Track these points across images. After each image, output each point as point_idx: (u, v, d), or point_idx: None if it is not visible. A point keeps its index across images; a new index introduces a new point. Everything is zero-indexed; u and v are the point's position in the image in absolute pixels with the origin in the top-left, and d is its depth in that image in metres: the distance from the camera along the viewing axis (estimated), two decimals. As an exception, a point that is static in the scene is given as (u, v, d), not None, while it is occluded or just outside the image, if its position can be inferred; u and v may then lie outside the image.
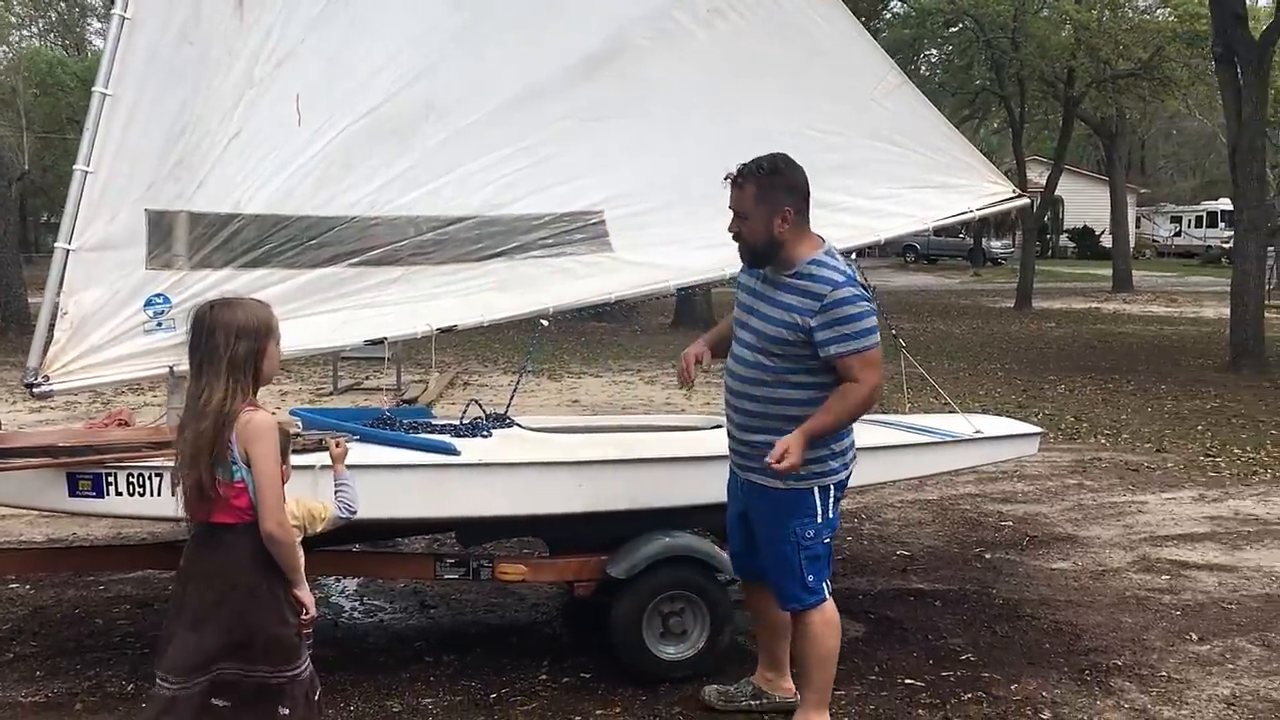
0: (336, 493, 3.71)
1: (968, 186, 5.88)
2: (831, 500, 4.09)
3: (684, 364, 4.43)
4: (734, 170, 4.10)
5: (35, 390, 4.61)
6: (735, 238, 4.13)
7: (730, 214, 4.12)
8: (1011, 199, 6.00)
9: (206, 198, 4.85)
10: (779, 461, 3.85)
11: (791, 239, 4.05)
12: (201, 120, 4.82)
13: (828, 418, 3.96)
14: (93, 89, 4.75)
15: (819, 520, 4.06)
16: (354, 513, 3.70)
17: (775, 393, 4.05)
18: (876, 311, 4.00)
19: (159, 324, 4.77)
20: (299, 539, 3.36)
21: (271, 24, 4.88)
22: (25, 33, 44.98)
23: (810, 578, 4.07)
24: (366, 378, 13.83)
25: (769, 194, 4.02)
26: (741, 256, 4.20)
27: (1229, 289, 16.63)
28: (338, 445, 3.79)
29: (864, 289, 4.01)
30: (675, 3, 5.41)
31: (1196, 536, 7.22)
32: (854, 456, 4.18)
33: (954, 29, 27.77)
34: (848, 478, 4.17)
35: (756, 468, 4.07)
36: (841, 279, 3.97)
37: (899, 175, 5.74)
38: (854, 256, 5.81)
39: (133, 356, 4.74)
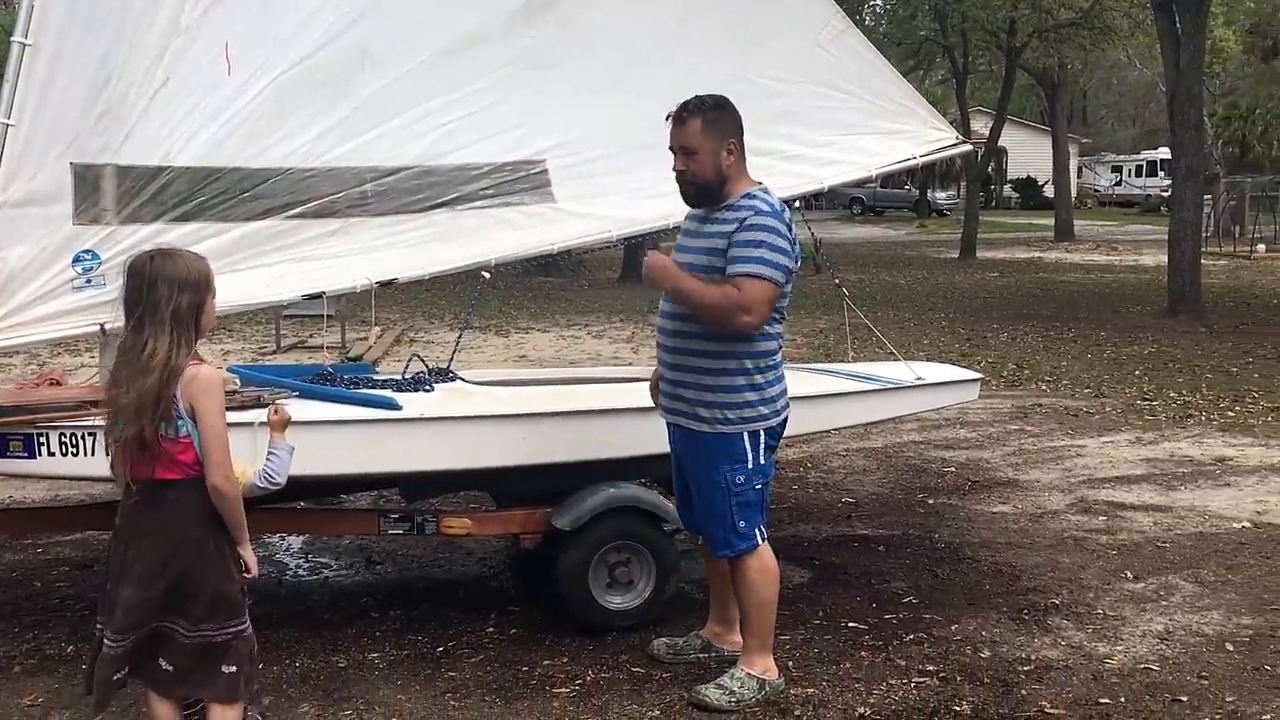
0: (266, 460, 3.45)
1: (912, 133, 5.87)
2: (762, 446, 4.09)
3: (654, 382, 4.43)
4: (674, 109, 4.08)
5: (-39, 350, 4.50)
6: (679, 177, 4.11)
7: (672, 157, 4.10)
8: (955, 145, 6.01)
9: (134, 150, 4.73)
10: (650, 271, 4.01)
11: (733, 175, 4.06)
12: (127, 70, 4.69)
13: (694, 289, 3.95)
14: (12, 39, 4.61)
15: (749, 466, 4.07)
16: (276, 485, 3.43)
17: (691, 326, 4.06)
18: (791, 253, 3.96)
19: (88, 280, 4.67)
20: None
21: None
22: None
23: (741, 523, 4.08)
24: (310, 336, 13.66)
25: (715, 127, 4.03)
26: (685, 197, 4.17)
27: (1167, 237, 16.88)
28: (276, 412, 3.54)
29: (788, 227, 3.99)
30: None
31: (1133, 478, 7.37)
32: (786, 405, 4.18)
33: (898, -22, 27.76)
34: (780, 425, 4.17)
35: (682, 410, 4.12)
36: (767, 209, 3.98)
37: (843, 122, 5.72)
38: (798, 204, 5.82)
39: (62, 314, 4.64)
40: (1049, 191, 42.06)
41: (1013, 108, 35.17)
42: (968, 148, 6.25)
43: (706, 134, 4.02)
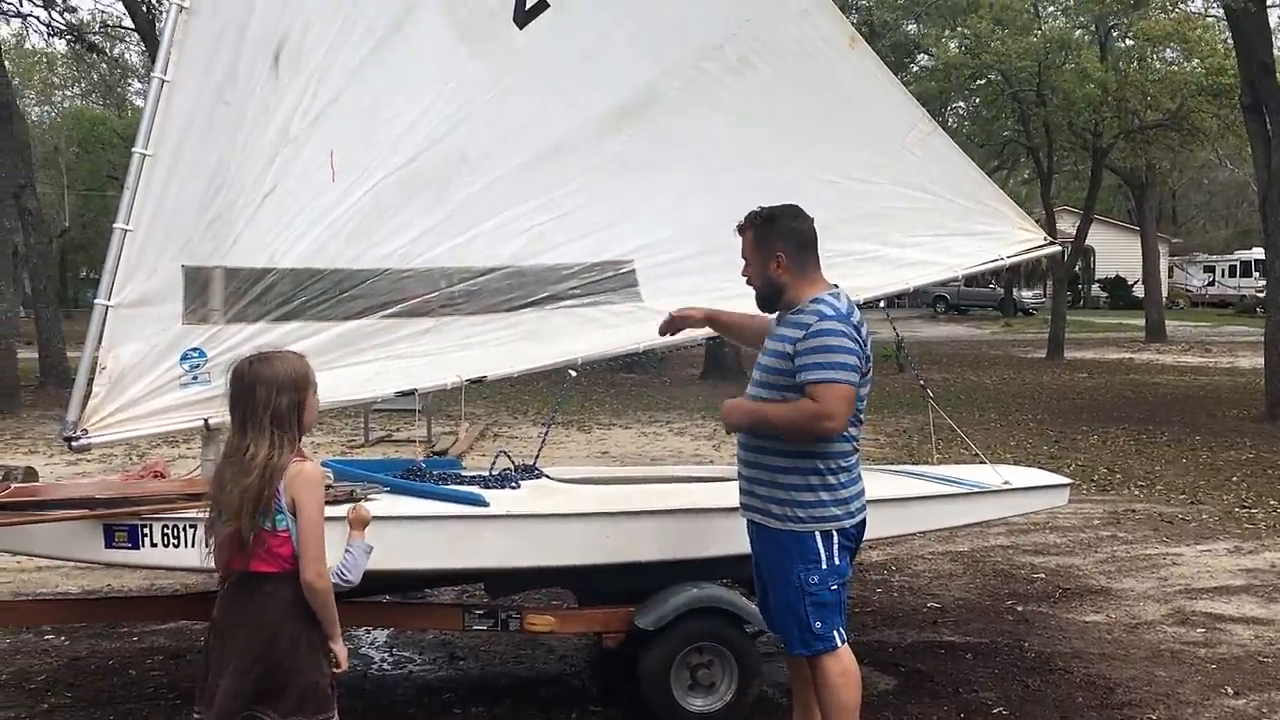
0: (343, 557, 3.49)
1: (999, 234, 5.88)
2: (836, 547, 4.08)
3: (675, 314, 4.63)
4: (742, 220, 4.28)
5: (74, 444, 4.70)
6: (748, 283, 4.29)
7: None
8: (1043, 246, 5.99)
9: (241, 253, 4.95)
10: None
11: (794, 282, 4.16)
12: (237, 177, 4.94)
13: (771, 416, 4.05)
14: (133, 150, 4.88)
15: (823, 566, 4.05)
16: (348, 583, 3.48)
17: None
18: (860, 353, 4.01)
19: (194, 377, 4.86)
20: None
21: (307, 82, 5.00)
22: (68, 93, 46.00)
23: (818, 624, 4.05)
24: (397, 429, 13.93)
25: (764, 240, 4.19)
26: (756, 302, 4.33)
27: (1264, 339, 16.49)
28: (355, 510, 3.62)
29: (855, 330, 4.04)
30: (705, 54, 5.47)
31: (1232, 589, 7.13)
32: (861, 506, 4.16)
33: (980, 82, 27.88)
34: (855, 527, 4.15)
35: (755, 506, 4.16)
36: (831, 313, 4.04)
37: (930, 223, 5.77)
38: (881, 303, 5.85)
39: (169, 410, 4.83)
40: (1139, 291, 41.39)
41: (1100, 206, 34.95)
42: (1056, 249, 6.23)
43: (756, 247, 4.21)
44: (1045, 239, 6.01)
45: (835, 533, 4.07)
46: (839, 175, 5.58)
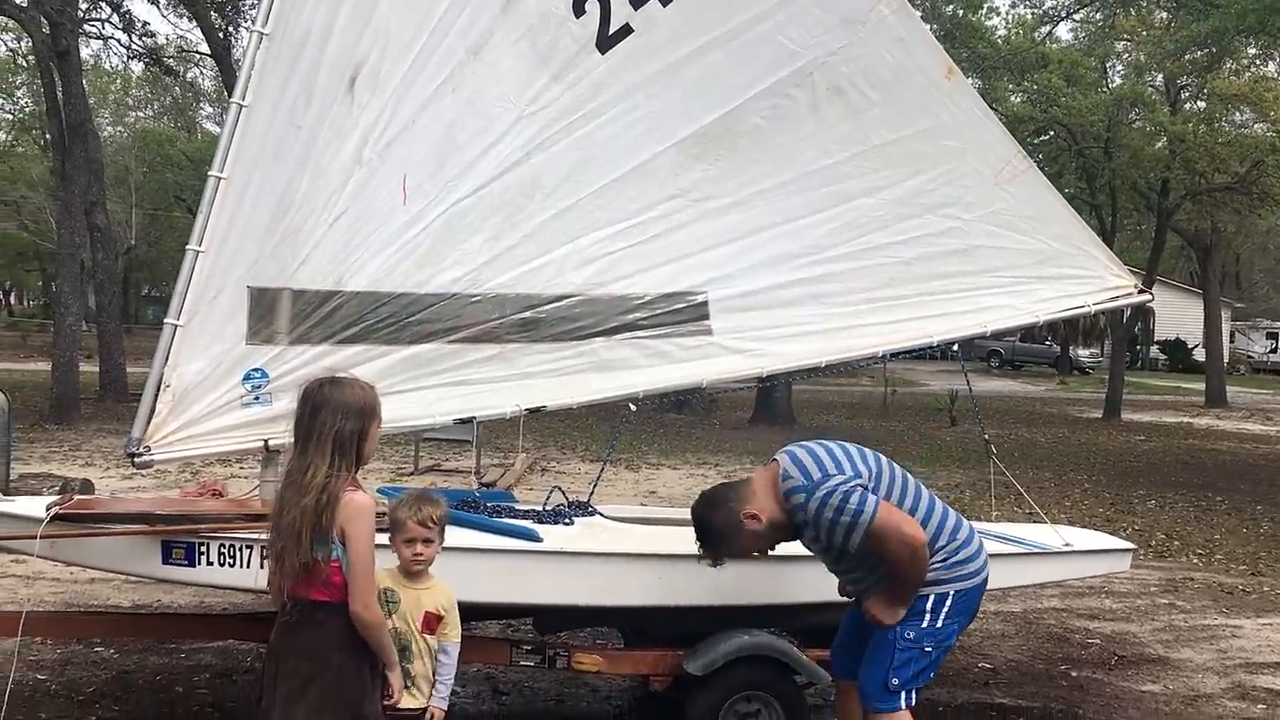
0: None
1: (1087, 277, 5.67)
2: (946, 608, 4.03)
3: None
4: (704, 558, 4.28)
5: (137, 460, 4.73)
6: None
7: None
8: (1134, 294, 5.74)
9: (308, 275, 4.95)
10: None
11: (765, 516, 4.11)
12: (308, 200, 4.93)
13: (901, 590, 4.02)
14: (208, 173, 4.90)
15: (923, 624, 4.00)
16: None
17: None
18: (852, 473, 4.00)
19: (256, 398, 4.87)
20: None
21: (383, 106, 4.98)
22: (141, 114, 47.08)
23: (894, 680, 3.98)
24: (446, 459, 13.96)
25: (726, 545, 4.20)
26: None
27: (1329, 408, 16.11)
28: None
29: (824, 477, 4.00)
30: (793, 81, 5.31)
31: (1295, 665, 6.92)
32: (983, 565, 4.14)
33: (1044, 137, 27.70)
34: (973, 589, 4.10)
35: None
36: (801, 497, 4.01)
37: (1017, 263, 5.56)
38: (956, 350, 5.70)
39: (230, 429, 4.83)
40: (1199, 355, 40.68)
41: (1161, 268, 34.41)
42: (1147, 297, 5.91)
43: (730, 549, 4.21)
44: (1137, 287, 5.76)
45: (951, 595, 4.03)
46: (926, 210, 5.42)
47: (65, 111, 19.10)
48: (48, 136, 26.19)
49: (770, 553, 4.27)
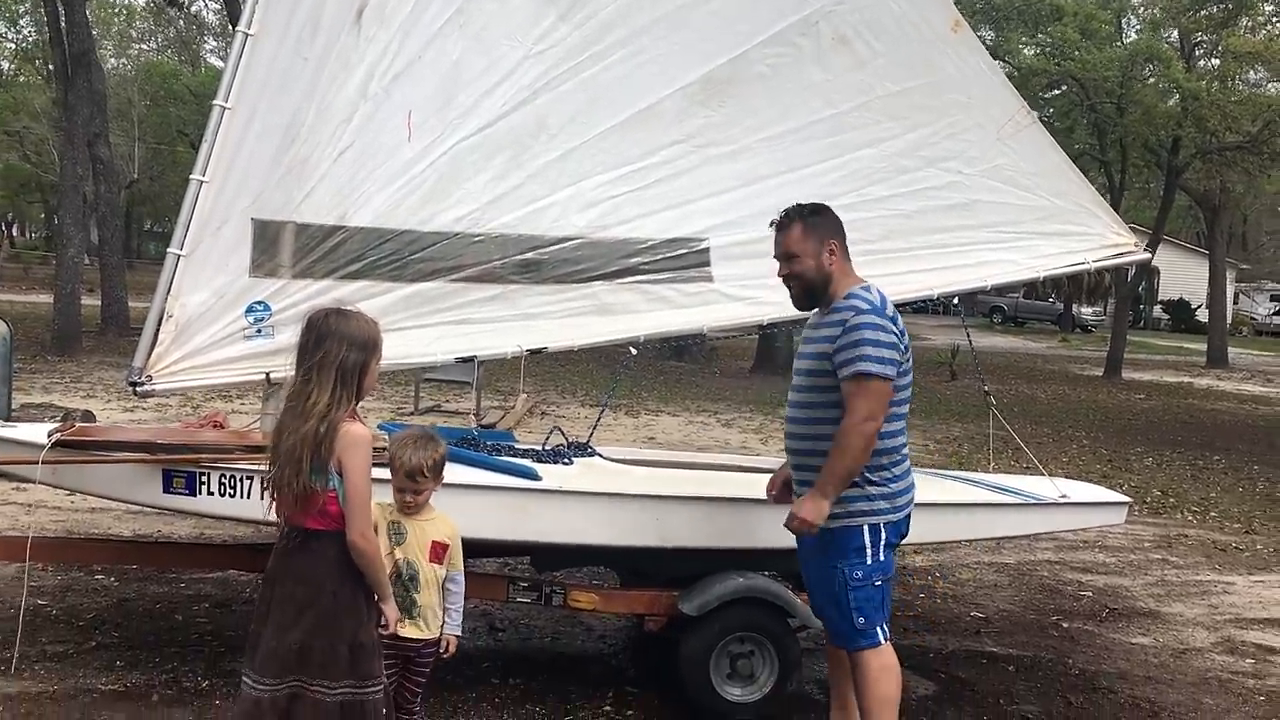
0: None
1: (1090, 235, 5.68)
2: (882, 543, 4.04)
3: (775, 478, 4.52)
4: (777, 217, 4.23)
5: (138, 389, 4.74)
6: (786, 280, 4.23)
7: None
8: (1134, 253, 5.77)
9: (313, 209, 4.94)
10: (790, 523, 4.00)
11: (839, 274, 4.14)
12: (313, 133, 4.91)
13: (833, 476, 3.96)
14: (212, 103, 4.87)
15: (868, 561, 4.02)
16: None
17: (814, 429, 4.10)
18: (898, 346, 3.97)
19: (259, 330, 4.88)
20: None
21: (389, 40, 4.94)
22: (144, 46, 46.62)
23: (861, 619, 4.02)
24: (447, 400, 14.01)
25: (815, 230, 4.15)
26: (794, 300, 4.28)
27: (1330, 371, 16.12)
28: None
29: (892, 322, 4.00)
30: (800, 29, 5.31)
31: (1285, 622, 6.99)
32: (909, 501, 4.13)
33: (1056, 91, 27.42)
34: (901, 521, 4.11)
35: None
36: (867, 307, 4.00)
37: (1018, 219, 5.58)
38: (957, 305, 5.71)
39: (232, 361, 4.85)
40: (1201, 315, 40.61)
41: (1168, 228, 34.28)
42: (1147, 256, 5.94)
43: (807, 237, 4.15)
44: (1137, 245, 5.78)
45: (883, 527, 4.04)
46: (928, 164, 5.42)
47: (68, 41, 18.92)
48: (50, 67, 25.92)
49: (790, 286, 4.22)
